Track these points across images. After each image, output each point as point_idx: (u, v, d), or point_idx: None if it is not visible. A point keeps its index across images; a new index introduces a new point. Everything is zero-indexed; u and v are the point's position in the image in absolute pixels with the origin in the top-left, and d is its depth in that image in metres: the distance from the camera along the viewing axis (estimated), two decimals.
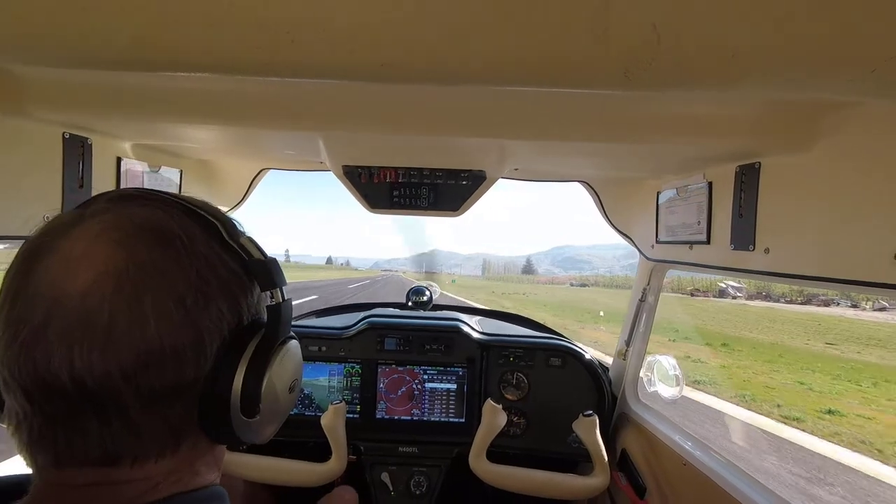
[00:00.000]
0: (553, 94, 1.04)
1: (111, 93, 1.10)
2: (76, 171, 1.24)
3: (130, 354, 0.44)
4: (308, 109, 1.14)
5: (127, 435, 0.46)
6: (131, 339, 0.44)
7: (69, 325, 0.43)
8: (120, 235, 0.47)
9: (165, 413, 0.48)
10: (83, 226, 0.47)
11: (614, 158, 1.48)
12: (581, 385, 1.95)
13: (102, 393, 0.44)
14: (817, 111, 0.99)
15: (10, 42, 0.69)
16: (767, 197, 1.16)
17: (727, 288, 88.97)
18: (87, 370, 0.43)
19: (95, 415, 0.45)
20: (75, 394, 0.43)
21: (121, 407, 0.45)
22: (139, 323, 0.45)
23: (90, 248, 0.45)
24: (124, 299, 0.44)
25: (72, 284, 0.44)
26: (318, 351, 1.95)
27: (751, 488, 1.29)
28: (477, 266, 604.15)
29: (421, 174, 1.57)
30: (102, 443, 0.46)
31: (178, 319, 0.47)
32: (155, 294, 0.46)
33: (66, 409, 0.44)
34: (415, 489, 1.91)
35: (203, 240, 0.51)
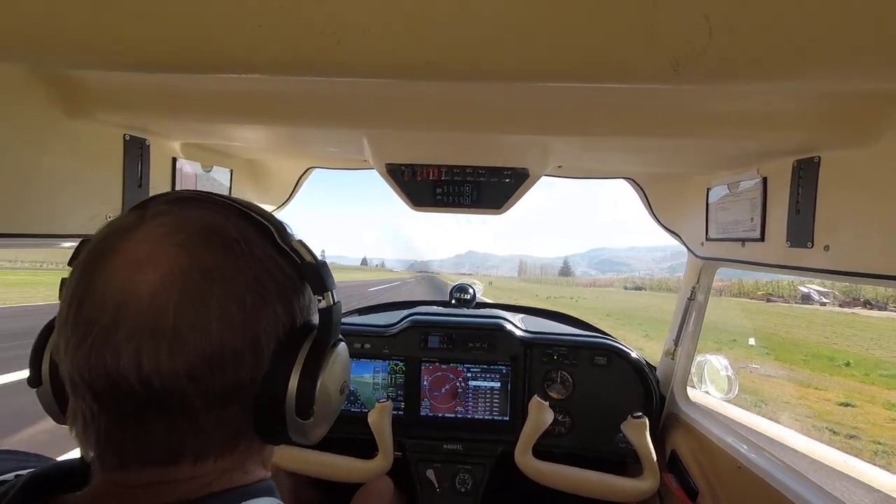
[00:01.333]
0: (599, 89, 1.02)
1: (168, 95, 1.15)
2: (135, 171, 1.30)
3: (196, 356, 0.45)
4: (353, 108, 1.15)
5: (191, 435, 0.48)
6: (196, 340, 0.45)
7: (138, 325, 0.44)
8: (182, 238, 0.48)
9: (226, 414, 0.49)
10: (145, 228, 0.48)
11: (662, 154, 1.45)
12: (627, 384, 1.91)
13: (169, 393, 0.45)
14: (883, 103, 0.94)
15: (76, 49, 0.72)
16: (827, 192, 1.11)
17: (810, 293, 78.16)
18: (154, 371, 0.44)
19: (161, 415, 0.46)
20: (143, 394, 0.45)
21: (186, 408, 0.46)
22: (204, 325, 0.46)
23: (155, 250, 0.47)
24: (190, 301, 0.45)
25: (140, 286, 0.45)
26: (361, 348, 1.98)
27: (811, 492, 1.24)
28: (513, 268, 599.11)
29: (464, 172, 1.57)
30: (168, 443, 0.47)
31: (239, 322, 0.48)
32: (218, 297, 0.47)
33: (133, 410, 0.45)
34: (460, 486, 1.92)
35: (259, 243, 0.53)
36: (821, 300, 74.07)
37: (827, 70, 0.64)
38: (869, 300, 64.52)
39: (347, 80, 0.74)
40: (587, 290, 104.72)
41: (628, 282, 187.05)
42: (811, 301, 73.86)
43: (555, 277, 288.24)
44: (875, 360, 20.20)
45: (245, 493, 0.52)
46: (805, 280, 26.92)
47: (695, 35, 0.57)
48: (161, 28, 0.64)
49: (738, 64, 0.62)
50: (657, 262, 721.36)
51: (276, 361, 0.51)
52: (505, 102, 1.11)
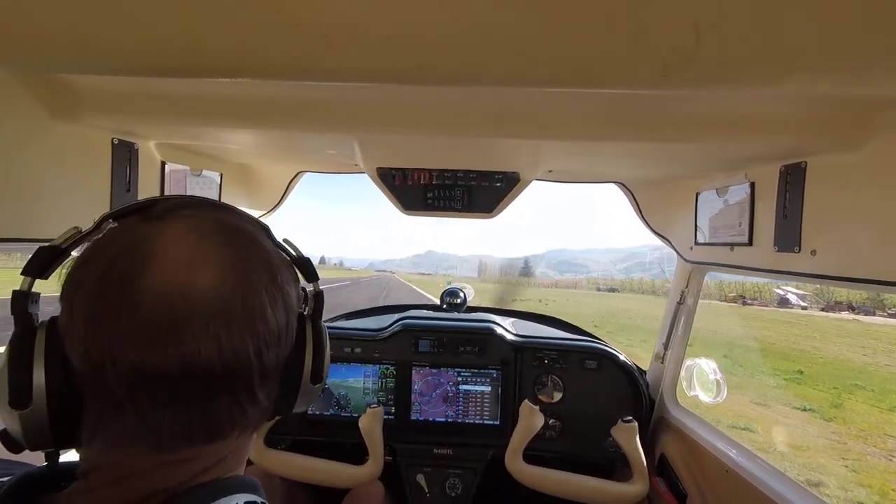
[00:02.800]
0: (590, 94, 1.03)
1: (157, 99, 1.14)
2: (124, 175, 1.29)
3: (259, 336, 0.52)
4: (343, 112, 1.15)
5: (250, 408, 0.54)
6: (260, 322, 0.52)
7: (212, 314, 0.49)
8: (218, 236, 0.53)
9: (271, 387, 0.56)
10: (171, 232, 0.52)
11: (652, 159, 1.46)
12: (617, 388, 1.91)
13: (241, 372, 0.51)
14: (868, 109, 0.96)
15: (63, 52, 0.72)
16: (814, 197, 1.12)
17: (786, 294, 74.91)
18: (231, 352, 0.49)
19: (230, 392, 0.52)
20: (221, 374, 0.49)
21: (250, 384, 0.53)
22: (261, 308, 0.53)
23: (197, 248, 0.51)
24: (248, 288, 0.52)
25: (199, 281, 0.49)
26: (352, 352, 1.97)
27: (798, 497, 1.25)
28: (473, 268, 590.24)
29: (455, 176, 1.57)
30: (232, 418, 0.53)
31: (280, 305, 0.55)
32: (265, 283, 0.54)
33: (205, 390, 0.50)
34: (450, 491, 1.91)
35: (265, 239, 0.59)
36: (799, 303, 71.05)
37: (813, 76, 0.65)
38: (852, 304, 61.06)
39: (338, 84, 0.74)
40: (552, 292, 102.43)
41: (601, 283, 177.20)
42: (789, 305, 70.84)
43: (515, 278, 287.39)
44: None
45: (227, 485, 0.55)
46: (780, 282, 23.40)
47: (683, 41, 0.58)
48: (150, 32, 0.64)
49: (725, 69, 0.63)
50: (614, 263, 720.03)
51: (298, 337, 0.60)
52: (496, 107, 1.11)
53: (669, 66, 0.62)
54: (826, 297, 67.41)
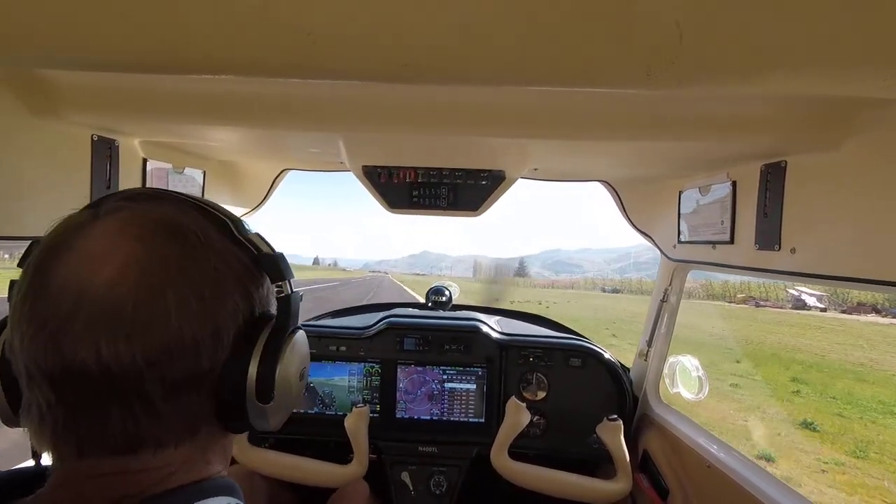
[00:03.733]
0: (574, 93, 1.04)
1: (138, 95, 1.13)
2: (104, 172, 1.27)
3: (154, 344, 0.46)
4: (329, 110, 1.15)
5: (150, 422, 0.48)
6: (155, 328, 0.47)
7: (96, 315, 0.45)
8: (139, 231, 0.49)
9: (186, 400, 0.50)
10: (100, 223, 0.49)
11: (636, 158, 1.47)
12: (602, 386, 1.93)
13: (127, 380, 0.46)
14: (847, 109, 0.97)
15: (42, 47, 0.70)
16: (794, 196, 1.14)
17: (800, 295, 67.02)
18: (113, 358, 0.45)
19: (119, 402, 0.47)
20: (101, 381, 0.45)
21: (144, 394, 0.47)
22: (162, 314, 0.47)
23: (111, 243, 0.48)
24: (148, 291, 0.47)
25: (97, 277, 0.46)
26: (337, 351, 1.96)
27: (777, 491, 1.27)
28: (468, 268, 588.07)
29: (440, 174, 1.58)
30: (125, 430, 0.48)
31: (198, 311, 0.49)
32: (176, 287, 0.48)
33: (91, 398, 0.46)
34: (435, 489, 1.91)
35: (216, 236, 0.54)
36: (817, 305, 62.36)
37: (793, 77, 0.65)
38: (875, 305, 53.07)
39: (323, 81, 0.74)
40: (550, 293, 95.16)
41: (605, 283, 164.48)
42: (806, 307, 61.83)
43: (510, 278, 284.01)
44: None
45: (205, 487, 0.53)
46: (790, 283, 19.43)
47: (666, 41, 0.58)
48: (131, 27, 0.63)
49: (707, 69, 0.64)
50: (608, 262, 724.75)
51: (236, 348, 0.53)
52: (481, 105, 1.12)
53: (653, 66, 0.63)
54: (840, 297, 62.52)
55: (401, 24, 0.60)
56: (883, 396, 12.79)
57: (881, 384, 14.45)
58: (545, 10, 0.56)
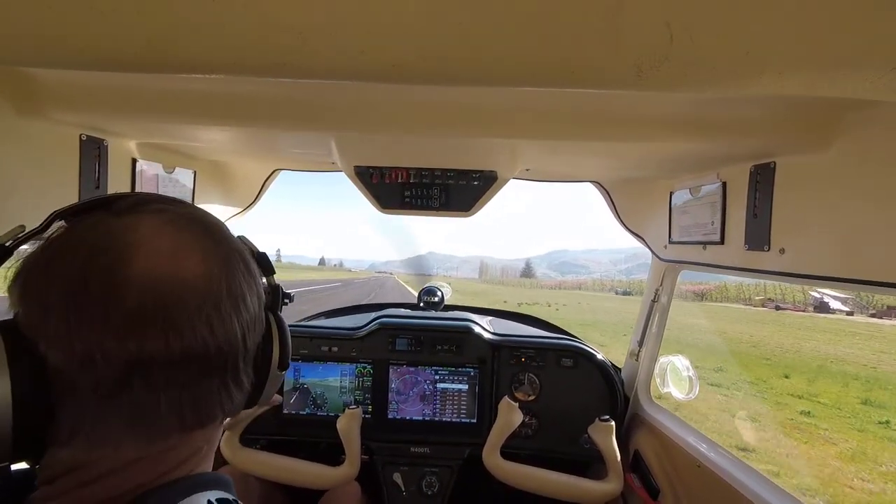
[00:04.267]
0: (565, 94, 1.04)
1: (126, 95, 1.12)
2: (93, 172, 1.26)
3: (244, 321, 0.55)
4: (320, 110, 1.14)
5: (236, 391, 0.56)
6: (243, 307, 0.55)
7: (201, 301, 0.51)
8: (197, 229, 0.55)
9: (250, 371, 0.59)
10: (147, 224, 0.52)
11: (627, 158, 1.48)
12: (593, 386, 1.94)
13: (231, 355, 0.54)
14: (834, 110, 0.98)
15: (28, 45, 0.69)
16: (783, 197, 1.15)
17: (823, 298, 65.87)
18: (223, 335, 0.52)
19: (220, 376, 0.54)
20: (215, 358, 0.52)
21: (237, 368, 0.55)
22: (242, 294, 0.56)
23: (176, 239, 0.53)
24: (231, 276, 0.55)
25: (185, 271, 0.51)
26: (329, 351, 1.96)
27: (766, 490, 1.28)
28: (474, 269, 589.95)
29: (432, 174, 1.58)
30: (221, 403, 0.55)
31: (254, 291, 0.59)
32: (242, 272, 0.57)
33: (200, 374, 0.52)
34: (426, 489, 1.91)
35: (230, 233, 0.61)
36: (842, 308, 61.30)
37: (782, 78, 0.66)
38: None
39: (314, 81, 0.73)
40: (558, 294, 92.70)
41: (619, 285, 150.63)
42: (829, 310, 60.72)
43: (516, 279, 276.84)
44: None
45: (198, 481, 0.56)
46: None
47: (657, 41, 0.58)
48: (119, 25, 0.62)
49: (697, 70, 0.64)
50: (615, 263, 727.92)
51: (266, 329, 0.63)
52: (472, 106, 1.12)
53: (643, 67, 0.63)
54: (865, 300, 58.19)
55: (392, 25, 0.60)
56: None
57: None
58: (535, 10, 0.56)
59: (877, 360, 19.21)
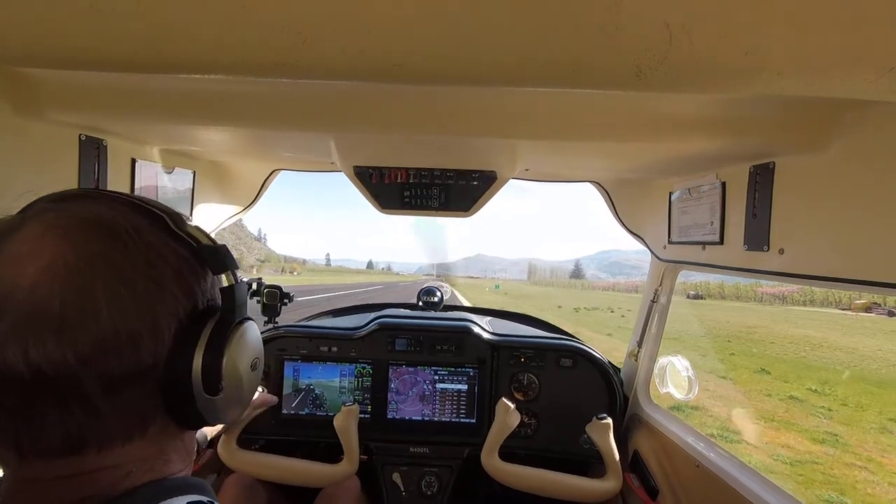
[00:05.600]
0: (564, 93, 1.04)
1: (126, 95, 1.12)
2: (92, 172, 1.26)
3: (87, 341, 0.46)
4: (320, 110, 1.14)
5: (90, 421, 0.48)
6: (86, 325, 0.46)
7: (21, 316, 0.44)
8: (65, 231, 0.49)
9: (127, 397, 0.50)
10: (27, 226, 0.49)
11: (626, 158, 1.48)
12: (592, 386, 1.94)
13: (61, 380, 0.45)
14: (833, 110, 0.98)
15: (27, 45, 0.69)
16: (782, 197, 1.15)
17: None
18: (43, 359, 0.44)
19: (56, 403, 0.46)
20: (34, 383, 0.45)
21: (82, 394, 0.46)
22: (92, 310, 0.46)
23: (36, 244, 0.47)
24: (75, 288, 0.46)
25: (21, 279, 0.45)
26: (328, 351, 1.96)
27: (765, 490, 1.28)
28: (522, 271, 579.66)
29: (432, 175, 1.58)
30: (65, 430, 0.47)
31: (131, 304, 0.49)
32: (105, 282, 0.48)
33: (25, 400, 0.45)
34: (426, 489, 1.91)
35: (151, 230, 0.53)
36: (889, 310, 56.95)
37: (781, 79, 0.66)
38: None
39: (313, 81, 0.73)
40: (615, 297, 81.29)
41: (689, 288, 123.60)
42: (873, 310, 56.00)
43: (566, 280, 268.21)
44: None
45: (167, 486, 0.53)
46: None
47: (656, 42, 0.58)
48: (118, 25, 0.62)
49: (696, 70, 0.64)
50: None
51: (178, 341, 0.53)
52: (472, 106, 1.12)
53: (643, 67, 0.63)
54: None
55: (391, 25, 0.60)
56: None
57: None
58: (535, 10, 0.56)
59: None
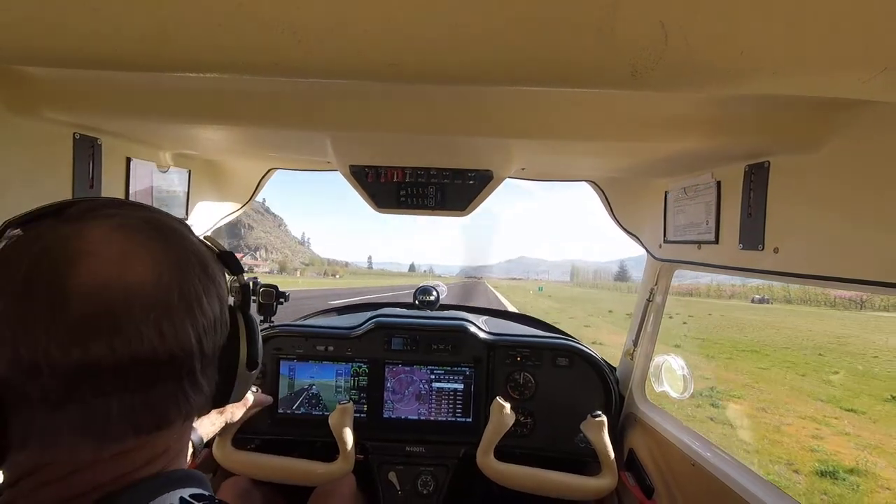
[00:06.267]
0: (560, 93, 1.04)
1: (121, 93, 1.11)
2: (86, 171, 1.25)
3: (198, 322, 0.54)
4: (315, 109, 1.14)
5: (193, 394, 0.55)
6: (196, 310, 0.54)
7: (150, 305, 0.50)
8: (147, 233, 0.54)
9: (210, 373, 0.58)
10: (94, 230, 0.51)
11: (622, 158, 1.48)
12: (588, 385, 1.94)
13: (184, 358, 0.53)
14: (827, 110, 0.99)
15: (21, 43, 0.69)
16: (777, 196, 1.16)
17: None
18: (174, 340, 0.51)
19: (172, 378, 0.53)
20: (166, 362, 0.51)
21: (192, 369, 0.54)
22: (197, 297, 0.54)
23: (127, 244, 0.52)
24: (183, 280, 0.54)
25: (136, 276, 0.50)
26: (325, 350, 1.96)
27: (761, 490, 1.28)
28: (565, 272, 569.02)
29: (428, 174, 1.58)
30: (175, 404, 0.54)
31: (213, 293, 0.57)
32: (197, 275, 0.56)
33: (149, 378, 0.51)
34: (422, 489, 1.91)
35: (188, 232, 0.60)
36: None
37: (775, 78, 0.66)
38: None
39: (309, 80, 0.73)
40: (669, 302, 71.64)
41: (749, 291, 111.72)
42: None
43: (610, 283, 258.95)
44: None
45: (172, 479, 0.56)
46: None
47: (651, 41, 0.59)
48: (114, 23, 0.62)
49: (692, 69, 0.64)
50: None
51: (231, 326, 0.63)
52: (468, 105, 1.12)
53: (638, 66, 0.63)
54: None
55: (387, 24, 0.60)
56: None
57: None
58: (531, 10, 0.56)
59: None
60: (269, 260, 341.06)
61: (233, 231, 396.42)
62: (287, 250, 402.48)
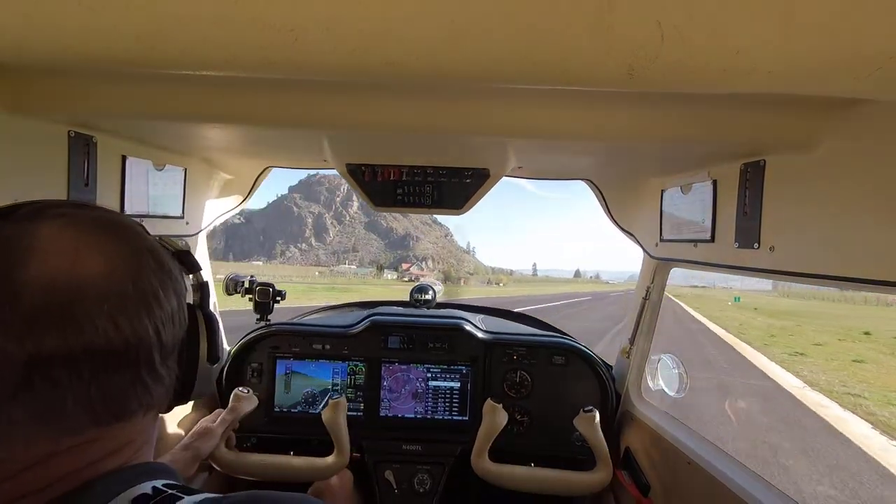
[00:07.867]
0: (557, 91, 1.04)
1: (116, 91, 1.10)
2: (81, 169, 1.24)
3: (154, 314, 0.54)
4: (312, 108, 1.14)
5: (153, 385, 0.56)
6: (152, 302, 0.55)
7: (103, 297, 0.50)
8: (100, 230, 0.55)
9: (170, 365, 0.59)
10: (50, 227, 0.52)
11: (618, 156, 1.48)
12: (585, 383, 1.94)
13: (139, 350, 0.53)
14: (823, 109, 0.99)
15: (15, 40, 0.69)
16: (772, 195, 1.16)
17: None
18: (132, 331, 0.52)
19: (131, 369, 0.53)
20: (121, 352, 0.51)
21: (150, 360, 0.54)
22: (153, 290, 0.55)
23: (79, 240, 0.52)
24: (136, 274, 0.54)
25: (87, 268, 0.51)
26: (321, 349, 1.96)
27: (757, 487, 1.29)
28: (761, 279, 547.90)
29: (424, 172, 1.58)
30: (135, 394, 0.54)
31: (169, 287, 0.58)
32: (153, 269, 0.57)
33: (104, 369, 0.51)
34: (418, 487, 1.91)
35: (145, 232, 0.62)
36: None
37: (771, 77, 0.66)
38: None
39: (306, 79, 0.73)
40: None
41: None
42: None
43: (832, 291, 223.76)
44: None
45: (141, 472, 0.57)
46: None
47: (648, 40, 0.59)
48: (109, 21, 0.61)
49: (688, 68, 0.64)
50: None
51: (190, 320, 0.64)
52: (464, 104, 1.12)
53: (635, 65, 0.63)
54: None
55: (384, 23, 0.60)
56: None
57: None
58: (527, 9, 0.56)
59: None
60: (435, 270, 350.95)
61: (402, 242, 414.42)
62: (453, 259, 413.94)
